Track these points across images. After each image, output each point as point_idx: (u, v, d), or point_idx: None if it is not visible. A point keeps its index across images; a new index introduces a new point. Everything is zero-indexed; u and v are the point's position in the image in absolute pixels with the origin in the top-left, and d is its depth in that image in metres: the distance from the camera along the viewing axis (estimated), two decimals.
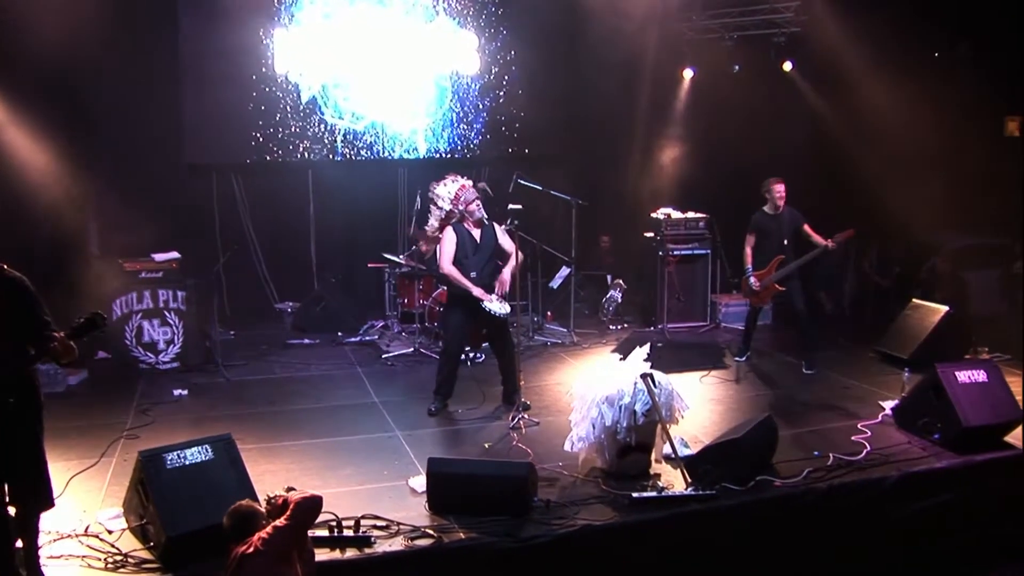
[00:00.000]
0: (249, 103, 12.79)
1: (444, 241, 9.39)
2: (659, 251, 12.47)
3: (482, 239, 9.47)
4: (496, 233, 9.59)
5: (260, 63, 12.76)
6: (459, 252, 9.33)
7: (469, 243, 9.40)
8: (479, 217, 9.43)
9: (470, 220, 9.43)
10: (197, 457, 6.70)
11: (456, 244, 9.34)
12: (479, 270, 9.36)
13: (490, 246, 9.50)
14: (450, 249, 9.33)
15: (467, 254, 9.36)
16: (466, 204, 9.43)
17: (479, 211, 9.44)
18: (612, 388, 7.88)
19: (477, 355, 11.18)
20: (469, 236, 9.42)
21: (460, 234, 9.39)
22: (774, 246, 10.80)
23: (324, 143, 13.23)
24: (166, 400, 9.84)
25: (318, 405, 9.77)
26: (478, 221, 9.46)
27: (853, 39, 12.12)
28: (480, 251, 9.42)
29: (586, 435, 7.90)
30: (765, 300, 11.04)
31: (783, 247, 10.77)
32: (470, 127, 13.85)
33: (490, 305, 9.24)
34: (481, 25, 13.69)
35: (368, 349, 11.89)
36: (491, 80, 13.86)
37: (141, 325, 10.76)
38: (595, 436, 7.85)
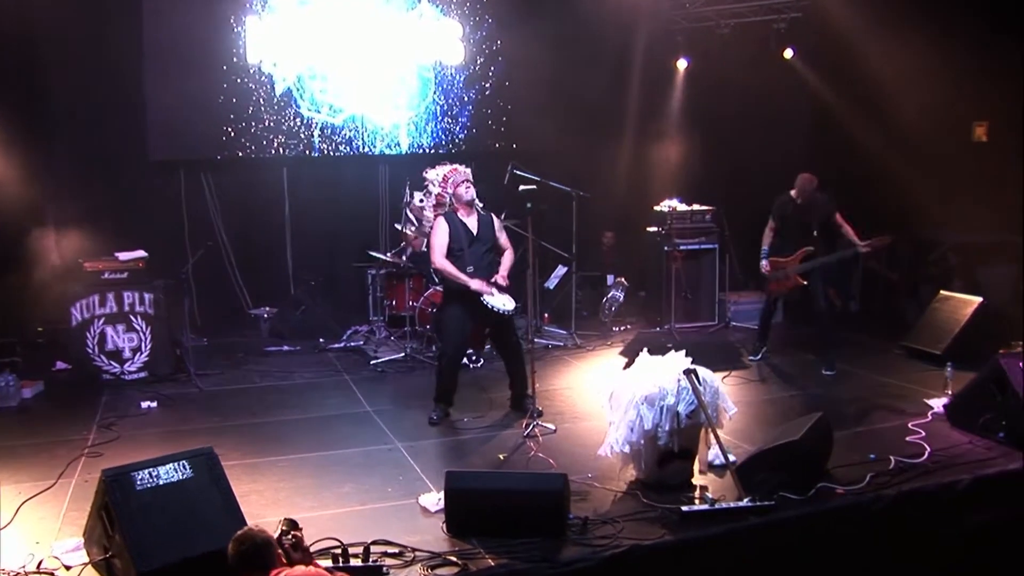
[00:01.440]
0: (219, 95, 11.42)
1: (435, 232, 8.17)
2: (664, 246, 11.24)
3: (479, 229, 8.24)
4: (494, 224, 8.36)
5: (231, 52, 11.42)
6: (453, 244, 8.11)
7: (463, 233, 8.16)
8: (469, 199, 8.23)
9: (462, 206, 8.20)
10: (173, 475, 5.45)
11: (449, 234, 8.09)
12: (476, 262, 8.13)
13: (488, 237, 8.28)
14: (442, 240, 8.09)
15: (462, 245, 8.12)
16: (454, 186, 8.24)
17: (468, 193, 8.24)
18: (652, 387, 6.67)
19: (477, 359, 9.87)
20: (463, 226, 8.18)
21: (453, 224, 8.15)
22: (798, 235, 9.70)
23: (300, 138, 11.88)
24: (133, 413, 8.49)
25: (305, 416, 8.47)
26: (470, 207, 8.22)
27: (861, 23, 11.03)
28: (477, 242, 8.20)
29: (623, 440, 6.69)
30: (784, 290, 9.86)
31: (811, 237, 9.66)
32: (455, 121, 12.56)
33: (491, 300, 8.00)
34: (465, 13, 12.44)
35: (354, 355, 10.55)
36: (476, 71, 12.59)
37: (104, 331, 9.33)
38: (633, 441, 6.64)
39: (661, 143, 12.69)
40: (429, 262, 8.40)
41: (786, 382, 9.39)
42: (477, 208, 8.31)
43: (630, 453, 6.71)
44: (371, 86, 12.06)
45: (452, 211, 8.22)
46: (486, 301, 7.98)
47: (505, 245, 8.38)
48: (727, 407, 6.88)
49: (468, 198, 8.21)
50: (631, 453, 6.71)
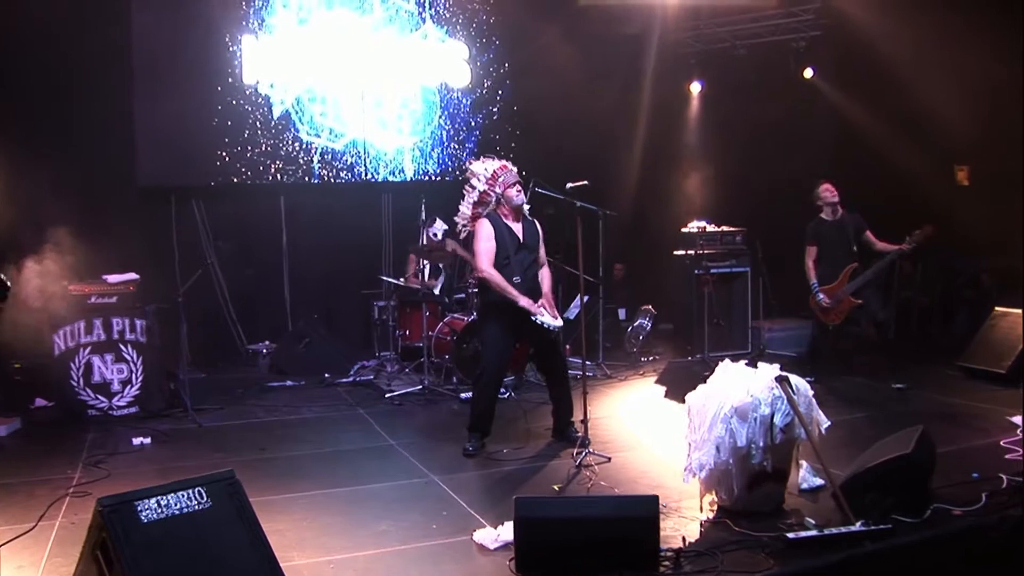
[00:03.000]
0: (213, 117, 10.30)
1: (479, 236, 6.97)
2: (695, 269, 10.12)
3: (525, 236, 7.09)
4: (539, 232, 7.23)
5: (226, 72, 10.32)
6: (499, 251, 6.92)
7: (509, 239, 7.00)
8: (519, 204, 7.08)
9: (510, 210, 7.06)
10: (187, 505, 4.27)
11: (495, 239, 6.92)
12: (523, 273, 6.97)
13: (535, 246, 7.14)
14: (488, 245, 6.91)
15: (508, 253, 6.96)
16: (504, 187, 7.07)
17: (519, 197, 7.09)
18: (744, 396, 5.54)
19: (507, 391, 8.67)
20: (508, 231, 7.03)
21: (498, 227, 6.98)
22: (840, 255, 8.92)
23: (299, 164, 10.74)
24: (124, 450, 7.19)
25: (322, 450, 7.24)
26: (517, 212, 7.09)
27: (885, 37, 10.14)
28: (523, 250, 7.04)
29: (710, 461, 5.54)
30: (840, 316, 8.87)
31: (852, 254, 8.87)
32: (462, 146, 11.48)
33: (543, 318, 6.83)
34: (471, 35, 11.44)
35: (365, 390, 9.28)
36: (483, 95, 11.56)
37: (91, 361, 8.05)
38: (721, 461, 5.50)
39: (679, 166, 11.70)
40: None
41: (847, 403, 8.23)
42: (523, 213, 7.19)
43: (717, 476, 5.56)
44: (374, 110, 10.97)
45: (496, 213, 7.08)
46: (535, 317, 6.83)
47: (544, 259, 7.25)
48: (821, 420, 5.76)
49: (519, 202, 7.06)
50: (718, 475, 5.55)
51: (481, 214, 7.09)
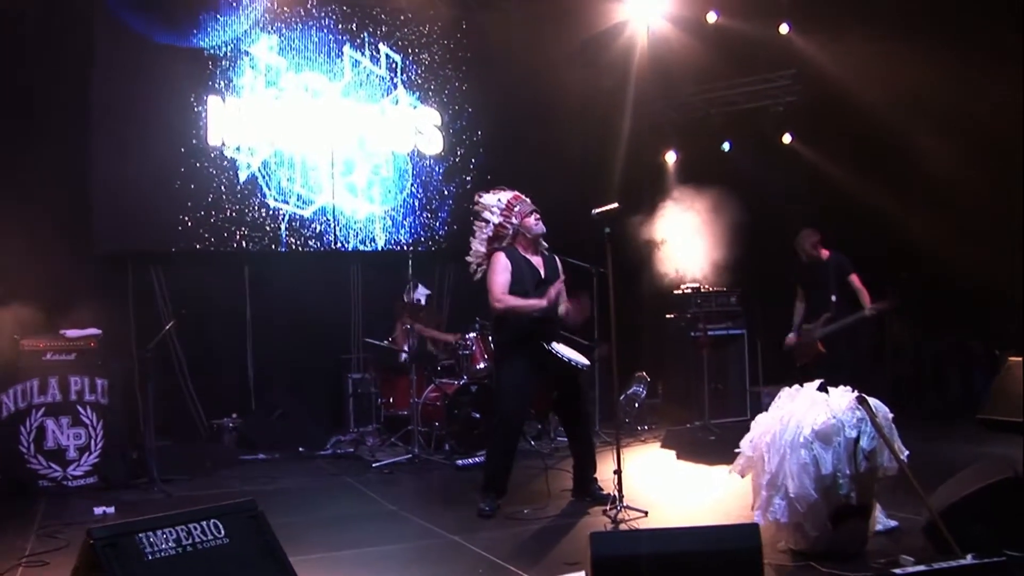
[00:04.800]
0: (176, 180, 9.39)
1: (494, 269, 6.23)
2: (690, 332, 9.40)
3: (546, 271, 6.35)
4: (559, 266, 6.49)
5: (190, 133, 9.46)
6: (515, 285, 6.16)
7: (528, 273, 6.26)
8: (539, 233, 6.37)
9: (527, 242, 6.32)
10: (201, 539, 3.46)
11: (511, 272, 6.15)
12: (544, 310, 6.17)
13: (556, 280, 6.37)
14: (503, 277, 6.16)
15: (527, 288, 6.19)
16: (521, 216, 6.37)
17: (539, 226, 6.39)
18: (826, 417, 4.80)
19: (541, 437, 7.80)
20: (527, 264, 6.29)
21: (515, 261, 6.22)
22: (816, 299, 8.54)
23: (265, 231, 9.84)
24: (83, 520, 6.08)
25: (317, 514, 6.29)
26: (536, 244, 6.36)
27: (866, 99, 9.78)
28: (544, 285, 6.28)
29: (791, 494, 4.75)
30: (805, 359, 8.30)
31: (828, 303, 8.39)
32: (434, 216, 10.72)
33: (563, 350, 6.06)
34: (444, 101, 10.81)
35: (348, 462, 8.28)
36: (456, 163, 10.87)
37: (44, 425, 6.96)
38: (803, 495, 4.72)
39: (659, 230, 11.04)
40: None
41: None
42: (542, 247, 6.45)
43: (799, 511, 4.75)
44: (344, 176, 10.20)
45: (511, 246, 6.32)
46: (555, 350, 6.05)
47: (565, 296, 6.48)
48: (901, 447, 4.99)
49: (539, 231, 6.39)
50: (802, 510, 4.74)
51: (497, 249, 6.34)
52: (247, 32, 9.76)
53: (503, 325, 6.24)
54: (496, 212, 6.40)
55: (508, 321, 6.21)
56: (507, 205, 6.40)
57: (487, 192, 6.59)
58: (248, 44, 9.78)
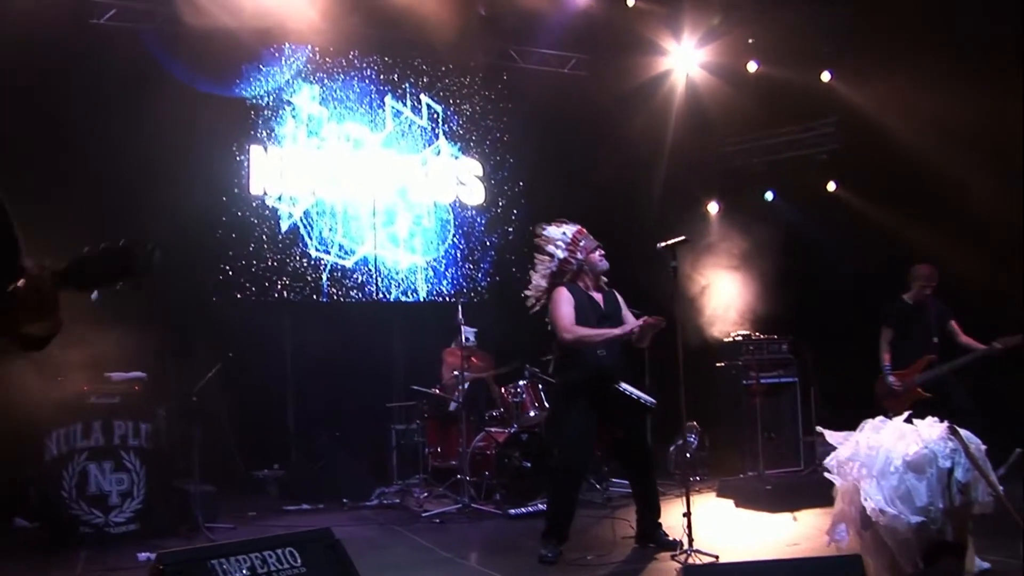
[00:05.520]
0: (217, 229, 9.29)
1: (558, 303, 5.97)
2: (742, 380, 9.05)
3: (606, 307, 6.10)
4: (620, 303, 6.23)
5: (232, 182, 9.37)
6: (579, 321, 5.89)
7: (591, 310, 6.02)
8: (604, 269, 6.13)
9: (590, 278, 6.09)
10: (276, 568, 3.21)
11: (575, 307, 5.90)
12: (608, 348, 5.92)
13: (618, 317, 6.15)
14: (568, 309, 5.91)
15: (591, 324, 5.92)
16: (586, 252, 6.15)
17: (603, 262, 6.17)
18: (917, 446, 4.47)
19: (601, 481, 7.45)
20: (589, 300, 6.05)
21: (578, 296, 5.98)
22: (918, 343, 7.99)
23: (307, 281, 9.68)
24: (127, 566, 5.80)
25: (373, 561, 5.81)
26: (598, 280, 6.13)
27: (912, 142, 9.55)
28: (607, 322, 6.03)
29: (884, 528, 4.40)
30: (904, 407, 7.79)
31: (931, 345, 7.93)
32: (477, 267, 10.52)
33: (633, 391, 5.77)
34: (485, 152, 10.71)
35: (395, 512, 7.90)
36: (498, 214, 10.71)
37: (87, 469, 6.63)
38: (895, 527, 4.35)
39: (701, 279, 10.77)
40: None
41: None
42: (603, 283, 6.20)
43: (888, 547, 4.40)
44: (385, 226, 10.03)
45: (573, 282, 6.07)
46: (624, 389, 5.74)
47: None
48: (995, 481, 4.64)
49: (604, 267, 6.19)
50: (892, 546, 4.38)
51: (558, 284, 6.10)
52: (289, 82, 9.71)
53: (568, 363, 5.97)
54: (562, 247, 6.18)
55: (574, 359, 5.94)
56: (572, 240, 6.18)
57: (550, 224, 6.37)
58: (290, 94, 9.72)
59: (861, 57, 10.08)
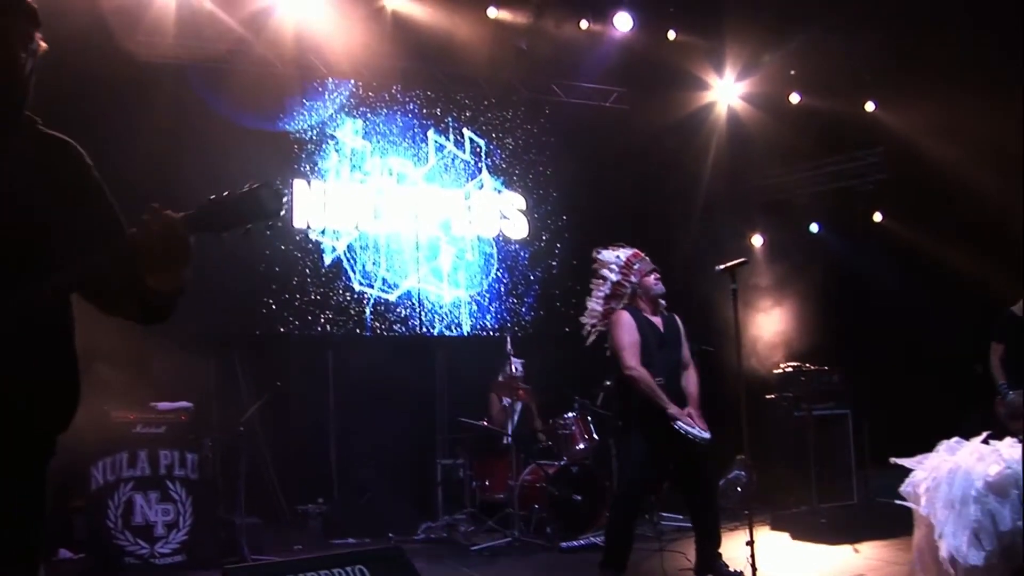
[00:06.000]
0: (260, 263, 9.17)
1: (620, 329, 5.78)
2: (793, 411, 8.78)
3: (666, 331, 5.88)
4: (680, 329, 6.02)
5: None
6: (640, 347, 5.68)
7: (651, 335, 5.80)
8: (658, 293, 5.92)
9: (647, 302, 5.88)
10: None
11: (638, 333, 5.70)
12: (667, 373, 5.72)
13: (677, 343, 5.93)
14: (631, 339, 5.71)
15: (651, 351, 5.72)
16: (640, 275, 5.96)
17: (658, 286, 5.96)
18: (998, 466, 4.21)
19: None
20: (649, 325, 5.85)
21: (638, 321, 5.77)
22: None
23: (350, 315, 9.53)
24: None
25: None
26: (656, 304, 5.92)
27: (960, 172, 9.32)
28: (666, 348, 5.83)
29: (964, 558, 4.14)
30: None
31: None
32: (520, 301, 10.33)
33: (689, 428, 5.54)
34: (528, 186, 10.56)
35: (443, 546, 7.68)
36: (542, 247, 10.53)
37: (132, 499, 6.49)
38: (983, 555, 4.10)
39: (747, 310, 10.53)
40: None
41: None
42: (661, 307, 6.00)
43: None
44: (429, 260, 9.90)
45: (632, 306, 5.88)
46: (680, 427, 5.51)
47: (688, 358, 6.00)
48: None
49: (659, 291, 5.96)
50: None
51: (615, 308, 5.90)
52: (332, 117, 9.65)
53: (631, 390, 5.76)
54: (615, 270, 6.00)
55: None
56: (626, 262, 6.01)
57: (605, 248, 6.20)
58: (333, 128, 9.66)
59: (905, 85, 9.89)
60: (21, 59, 2.35)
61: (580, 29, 9.77)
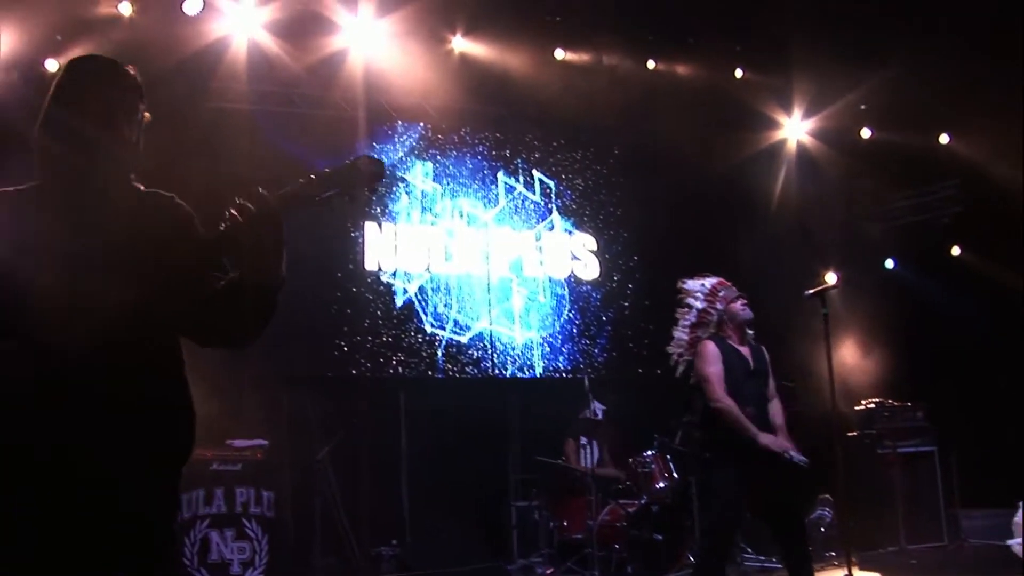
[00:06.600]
0: (332, 305, 9.09)
1: (706, 359, 5.52)
2: (876, 449, 8.40)
3: (754, 361, 5.62)
4: (767, 358, 5.77)
5: (347, 258, 9.23)
6: (727, 377, 5.44)
7: (738, 365, 5.55)
8: (745, 319, 5.67)
9: (734, 329, 5.64)
10: None
11: (724, 363, 5.46)
12: (756, 404, 5.46)
13: (765, 373, 5.67)
14: (716, 368, 5.46)
15: (738, 381, 5.47)
16: (726, 302, 5.71)
17: (745, 312, 5.71)
18: None
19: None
20: (736, 355, 5.59)
21: (724, 350, 5.53)
22: None
23: (422, 356, 9.39)
24: None
25: None
26: (743, 332, 5.67)
27: None
28: (755, 378, 5.56)
29: None
30: None
31: None
32: (593, 342, 10.12)
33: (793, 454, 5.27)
34: (599, 226, 10.41)
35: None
36: (613, 289, 10.33)
37: (208, 536, 6.38)
38: None
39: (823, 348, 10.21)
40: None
41: None
42: (748, 336, 5.76)
43: None
44: (500, 302, 9.76)
45: (719, 335, 5.65)
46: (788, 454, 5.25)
47: (774, 390, 5.75)
48: None
49: (746, 317, 5.69)
50: None
51: (701, 337, 5.68)
52: (403, 159, 9.63)
53: (715, 419, 5.51)
54: (700, 297, 5.77)
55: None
56: (711, 290, 5.77)
57: (689, 279, 5.99)
58: (404, 171, 9.64)
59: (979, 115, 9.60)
60: (127, 131, 2.49)
61: (647, 69, 9.69)
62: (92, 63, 2.58)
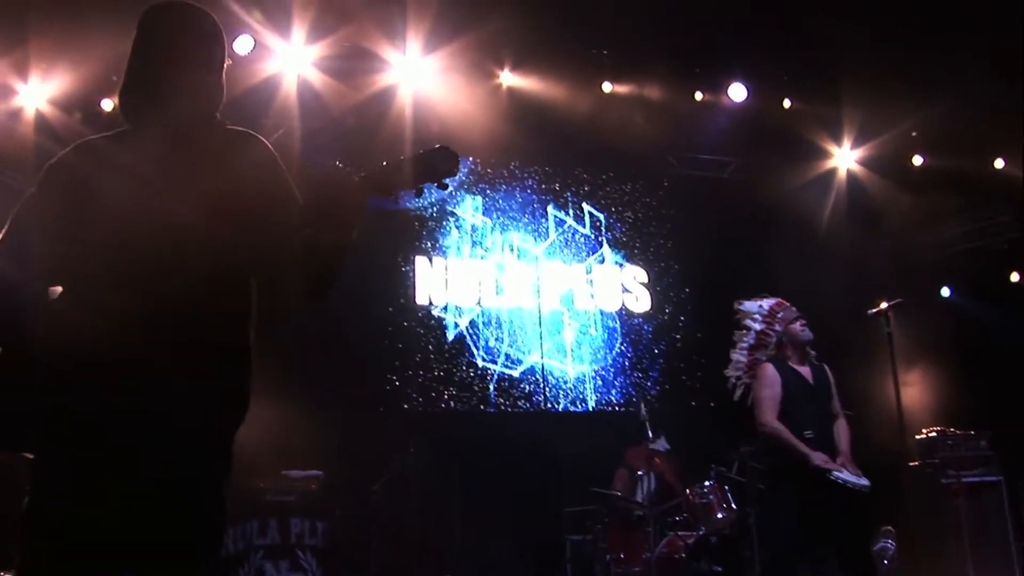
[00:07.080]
0: (383, 340, 9.06)
1: (763, 383, 5.42)
2: (939, 479, 8.10)
3: (815, 381, 5.47)
4: (830, 379, 5.61)
5: (398, 293, 9.20)
6: (786, 400, 5.28)
7: (797, 386, 5.43)
8: (806, 340, 5.53)
9: (795, 350, 5.49)
10: None
11: (782, 387, 5.30)
12: (817, 425, 5.29)
13: (827, 393, 5.52)
14: (773, 393, 5.34)
15: (797, 403, 5.31)
16: (785, 323, 5.59)
17: (805, 332, 5.57)
18: None
19: None
20: (795, 376, 5.47)
21: (784, 372, 5.39)
22: None
23: (473, 391, 9.30)
24: None
25: None
26: (803, 353, 5.53)
27: None
28: (816, 398, 5.42)
29: None
30: None
31: None
32: (645, 375, 9.95)
33: (845, 476, 5.08)
34: (649, 259, 10.29)
35: None
36: (665, 321, 10.18)
37: (263, 568, 6.30)
38: None
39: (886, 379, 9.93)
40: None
41: None
42: (810, 357, 5.60)
43: None
44: (552, 335, 9.63)
45: (778, 357, 5.50)
46: (836, 476, 5.06)
47: (839, 410, 5.57)
48: None
49: (806, 338, 5.60)
50: None
51: (760, 360, 5.53)
52: (452, 194, 9.62)
53: (774, 449, 5.34)
54: (758, 319, 5.66)
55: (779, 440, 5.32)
56: (770, 311, 5.66)
57: (747, 300, 5.86)
58: (454, 205, 9.64)
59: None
60: (205, 74, 2.60)
61: (695, 100, 9.60)
62: (166, 12, 2.60)
